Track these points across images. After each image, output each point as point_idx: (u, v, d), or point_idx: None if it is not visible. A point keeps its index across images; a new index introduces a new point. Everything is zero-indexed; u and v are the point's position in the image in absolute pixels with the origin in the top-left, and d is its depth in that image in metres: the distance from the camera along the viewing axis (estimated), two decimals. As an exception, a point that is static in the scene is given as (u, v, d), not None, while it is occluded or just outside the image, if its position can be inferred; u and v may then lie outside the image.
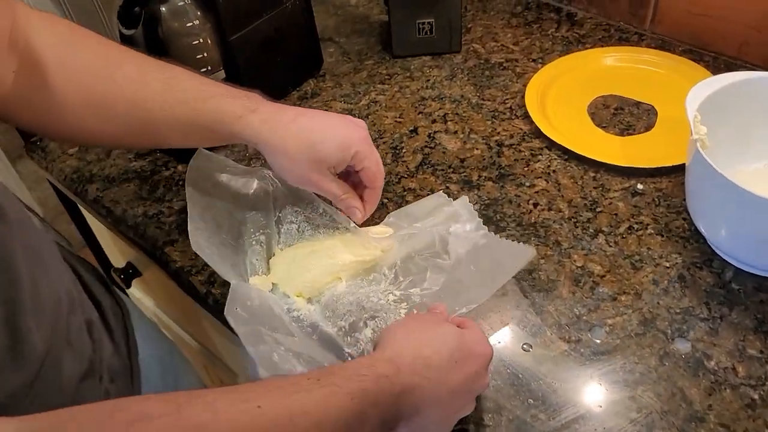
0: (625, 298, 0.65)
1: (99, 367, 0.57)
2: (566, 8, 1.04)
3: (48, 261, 0.54)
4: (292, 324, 0.62)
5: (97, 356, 0.57)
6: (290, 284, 0.65)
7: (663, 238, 0.70)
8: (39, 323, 0.48)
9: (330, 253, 0.66)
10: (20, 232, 0.48)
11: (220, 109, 0.62)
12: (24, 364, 0.46)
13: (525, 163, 0.79)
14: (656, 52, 0.91)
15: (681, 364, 0.59)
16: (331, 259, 0.65)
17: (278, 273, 0.67)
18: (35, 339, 0.47)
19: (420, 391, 0.49)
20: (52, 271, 0.54)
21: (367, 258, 0.66)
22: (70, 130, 0.63)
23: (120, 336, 0.65)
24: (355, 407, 0.44)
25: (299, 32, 0.92)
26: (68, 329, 0.53)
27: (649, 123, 0.83)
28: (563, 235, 0.71)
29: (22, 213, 0.51)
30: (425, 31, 0.95)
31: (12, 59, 0.58)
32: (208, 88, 0.63)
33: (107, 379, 0.58)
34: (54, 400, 0.49)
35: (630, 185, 0.76)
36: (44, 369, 0.48)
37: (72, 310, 0.55)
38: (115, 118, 0.63)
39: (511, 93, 0.90)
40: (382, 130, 0.87)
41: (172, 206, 0.80)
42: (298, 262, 0.66)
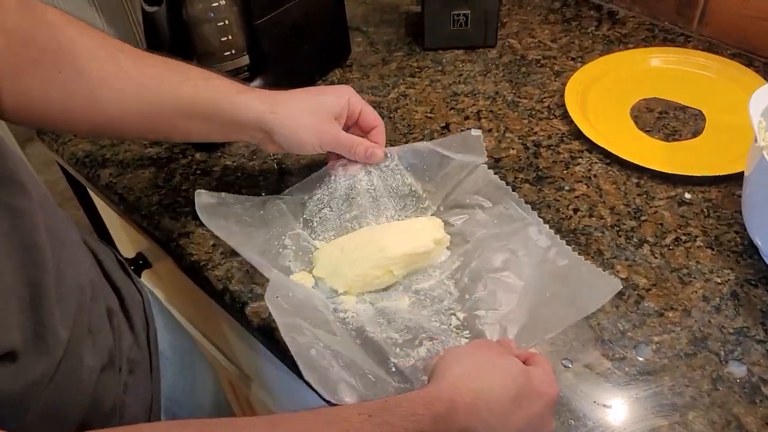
0: (673, 315, 0.60)
1: (118, 358, 0.54)
2: (607, 6, 1.00)
3: (71, 245, 0.52)
4: (337, 323, 0.58)
5: (117, 346, 0.54)
6: (338, 279, 0.61)
7: (713, 251, 0.65)
8: (62, 310, 0.45)
9: (379, 246, 0.61)
10: (43, 212, 0.46)
11: (221, 86, 0.62)
12: (47, 351, 0.43)
13: (564, 166, 0.75)
14: (704, 55, 0.86)
15: (736, 390, 0.54)
16: (381, 252, 0.61)
17: (323, 267, 0.63)
18: (58, 326, 0.44)
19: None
20: (75, 255, 0.52)
21: (419, 250, 0.62)
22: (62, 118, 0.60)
23: (140, 326, 0.62)
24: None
25: (328, 19, 0.88)
26: (90, 317, 0.51)
27: (697, 129, 0.78)
28: (605, 244, 0.66)
29: (44, 192, 0.49)
30: (460, 23, 0.90)
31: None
32: (205, 71, 0.63)
33: (126, 371, 0.55)
34: (73, 390, 0.47)
35: (676, 194, 0.71)
36: (66, 358, 0.45)
37: (94, 298, 0.52)
38: (122, 104, 0.60)
39: (549, 92, 0.85)
40: (412, 125, 0.82)
41: (189, 196, 0.76)
42: (346, 255, 0.62)
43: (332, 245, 0.65)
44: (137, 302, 0.64)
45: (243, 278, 0.67)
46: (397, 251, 0.61)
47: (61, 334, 0.45)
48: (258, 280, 0.66)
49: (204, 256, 0.69)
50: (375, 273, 0.61)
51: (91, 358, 0.49)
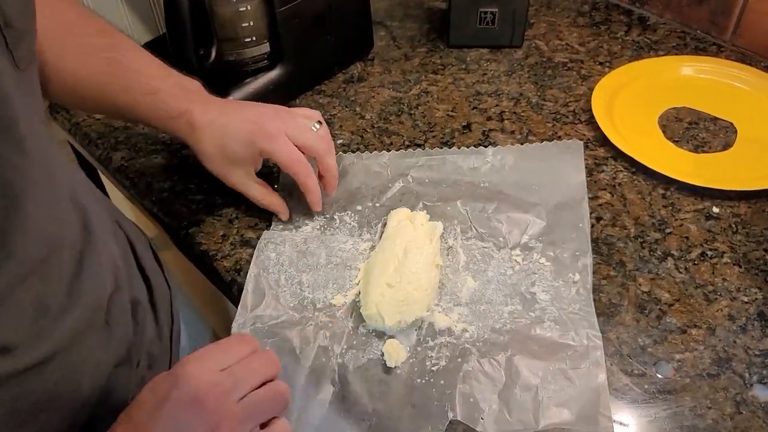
0: (697, 333, 0.58)
1: (137, 353, 0.52)
2: (638, 11, 0.97)
3: (99, 232, 0.49)
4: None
5: (138, 340, 0.53)
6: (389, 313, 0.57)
7: (741, 269, 0.62)
8: (74, 302, 0.43)
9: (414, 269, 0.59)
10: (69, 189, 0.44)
11: (156, 107, 0.62)
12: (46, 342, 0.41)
13: (588, 173, 0.72)
14: (738, 65, 0.83)
15: (761, 414, 0.52)
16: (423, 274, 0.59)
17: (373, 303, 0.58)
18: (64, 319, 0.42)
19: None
20: (102, 245, 0.49)
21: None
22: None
23: (164, 320, 0.60)
24: None
25: (351, 11, 0.86)
26: (109, 311, 0.48)
27: (727, 141, 0.76)
28: (628, 255, 0.64)
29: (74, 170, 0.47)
30: (487, 21, 0.88)
31: None
32: (150, 83, 0.62)
33: (145, 366, 0.54)
34: (80, 379, 0.45)
35: (704, 207, 0.68)
36: (69, 351, 0.43)
37: (118, 289, 0.50)
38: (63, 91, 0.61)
39: (575, 95, 0.83)
40: (433, 123, 0.80)
41: (201, 183, 0.74)
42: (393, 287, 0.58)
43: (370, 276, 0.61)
44: (164, 294, 0.63)
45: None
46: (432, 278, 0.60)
47: (67, 323, 0.42)
48: (267, 274, 0.64)
49: (213, 245, 0.68)
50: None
51: (104, 353, 0.47)
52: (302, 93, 0.86)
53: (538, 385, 0.53)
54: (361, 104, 0.84)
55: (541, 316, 0.58)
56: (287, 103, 0.84)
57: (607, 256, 0.64)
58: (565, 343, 0.56)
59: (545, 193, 0.68)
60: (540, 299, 0.60)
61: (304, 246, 0.65)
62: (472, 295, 0.60)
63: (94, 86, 0.60)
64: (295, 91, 0.86)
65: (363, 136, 0.79)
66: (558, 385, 0.54)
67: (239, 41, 0.77)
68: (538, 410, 0.52)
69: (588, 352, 0.56)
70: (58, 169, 0.44)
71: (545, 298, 0.60)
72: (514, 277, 0.62)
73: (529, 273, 0.62)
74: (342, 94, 0.86)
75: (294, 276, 0.63)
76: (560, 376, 0.54)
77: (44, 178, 0.40)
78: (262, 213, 0.70)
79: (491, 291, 0.61)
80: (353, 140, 0.79)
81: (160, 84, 0.62)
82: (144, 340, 0.54)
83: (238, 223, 0.70)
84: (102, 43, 0.61)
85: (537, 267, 0.62)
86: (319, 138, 0.65)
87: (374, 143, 0.78)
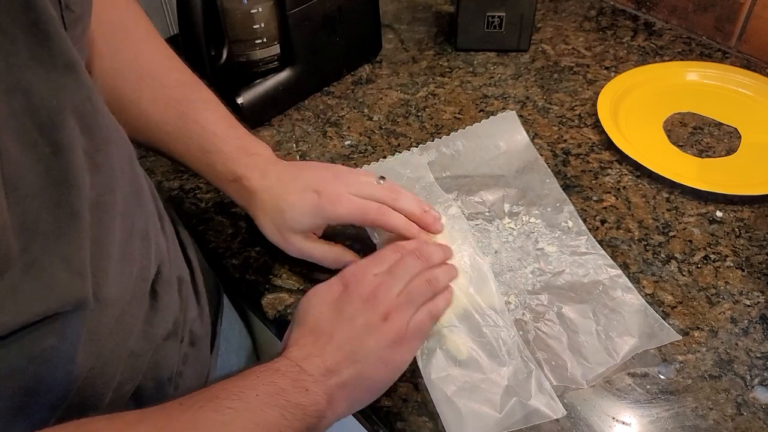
0: (699, 335, 0.58)
1: (182, 328, 0.54)
2: (644, 17, 0.98)
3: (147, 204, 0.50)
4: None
5: (182, 316, 0.54)
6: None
7: (744, 273, 0.63)
8: (123, 271, 0.44)
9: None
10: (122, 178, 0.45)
11: (214, 168, 0.62)
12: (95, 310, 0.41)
13: (593, 176, 0.73)
14: (743, 72, 0.84)
15: (761, 416, 0.53)
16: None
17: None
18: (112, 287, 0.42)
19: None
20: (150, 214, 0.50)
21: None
22: None
23: (205, 300, 0.61)
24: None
25: (361, 14, 0.87)
26: (157, 282, 0.50)
27: (731, 146, 0.76)
28: (632, 258, 0.65)
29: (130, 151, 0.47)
30: (494, 25, 0.89)
31: None
32: (214, 142, 0.61)
33: (187, 342, 0.55)
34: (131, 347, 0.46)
35: (707, 211, 0.69)
36: (119, 320, 0.44)
37: (164, 263, 0.51)
38: (135, 130, 0.60)
39: (581, 99, 0.84)
40: (440, 125, 0.81)
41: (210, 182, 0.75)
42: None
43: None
44: (207, 277, 0.64)
45: (260, 269, 0.66)
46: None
47: (113, 295, 0.43)
48: (276, 272, 0.65)
49: (222, 243, 0.69)
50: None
51: (152, 325, 0.48)
52: (311, 94, 0.87)
53: (595, 327, 0.58)
54: (369, 106, 0.85)
55: (559, 266, 0.63)
56: (296, 103, 0.85)
57: (612, 258, 0.65)
58: (592, 281, 0.62)
59: (503, 164, 0.74)
60: (549, 252, 0.65)
61: None
62: (493, 268, 0.63)
63: (163, 135, 0.60)
64: (305, 92, 0.87)
65: (371, 137, 0.80)
66: (609, 318, 0.59)
67: (250, 42, 0.78)
68: (608, 347, 0.57)
69: (613, 282, 0.62)
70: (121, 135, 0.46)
71: (553, 250, 0.65)
72: (517, 241, 0.66)
73: (528, 233, 0.67)
74: (350, 96, 0.87)
75: None
76: (606, 309, 0.60)
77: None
78: (271, 212, 0.71)
79: (505, 259, 0.65)
80: (361, 141, 0.80)
81: (221, 145, 0.61)
82: (188, 317, 0.56)
83: (247, 221, 0.71)
84: (178, 96, 0.61)
85: (531, 227, 0.67)
86: (386, 188, 0.61)
87: (382, 144, 0.79)
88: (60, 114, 0.36)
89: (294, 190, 0.60)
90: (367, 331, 0.50)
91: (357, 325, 0.50)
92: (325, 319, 0.51)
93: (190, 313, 0.56)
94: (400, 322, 0.51)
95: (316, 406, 0.46)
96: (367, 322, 0.50)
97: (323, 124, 0.82)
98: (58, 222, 0.36)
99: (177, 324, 0.53)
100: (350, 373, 0.49)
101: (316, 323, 0.51)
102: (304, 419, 0.45)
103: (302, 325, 0.51)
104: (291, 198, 0.60)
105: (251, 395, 0.44)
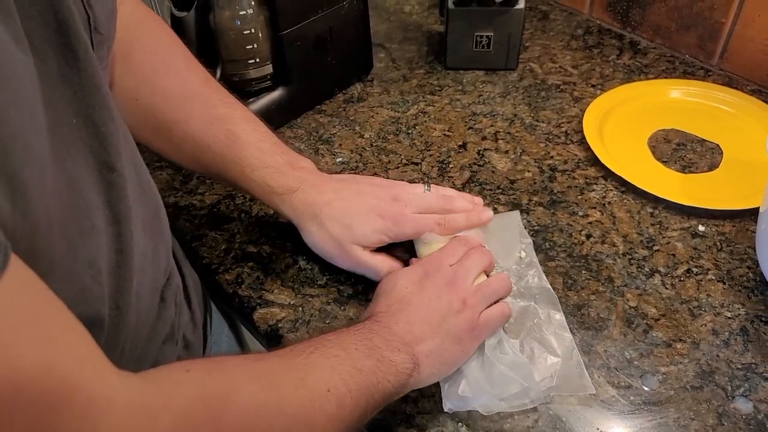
0: (681, 347, 0.60)
1: (177, 332, 0.57)
2: (629, 36, 1.00)
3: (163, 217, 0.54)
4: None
5: (177, 320, 0.57)
6: None
7: (725, 285, 0.65)
8: (140, 279, 0.47)
9: None
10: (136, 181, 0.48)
11: (265, 183, 0.63)
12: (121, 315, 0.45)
13: (579, 191, 0.75)
14: (725, 89, 0.86)
15: (741, 426, 0.54)
16: None
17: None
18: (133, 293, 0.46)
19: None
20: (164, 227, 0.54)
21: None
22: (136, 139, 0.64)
23: (197, 306, 0.64)
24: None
25: (352, 34, 0.89)
26: (164, 290, 0.54)
27: (713, 162, 0.78)
28: (616, 272, 0.66)
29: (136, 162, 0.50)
30: (482, 44, 0.91)
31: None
32: (261, 158, 0.63)
33: (182, 346, 0.58)
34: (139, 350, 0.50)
35: (690, 226, 0.71)
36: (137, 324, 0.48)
37: (167, 271, 0.55)
38: (182, 153, 0.64)
39: (568, 117, 0.86)
40: (430, 142, 0.83)
41: (204, 200, 0.77)
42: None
43: None
44: (196, 283, 0.67)
45: (253, 284, 0.67)
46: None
47: (133, 301, 0.46)
48: (267, 287, 0.67)
49: (216, 259, 0.70)
50: None
51: (156, 330, 0.52)
52: (304, 112, 0.89)
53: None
54: (360, 123, 0.87)
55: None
56: (289, 121, 0.87)
57: (596, 272, 0.66)
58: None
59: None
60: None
61: None
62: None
63: (211, 154, 0.63)
64: (297, 111, 0.88)
65: (362, 154, 0.82)
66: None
67: (244, 62, 0.80)
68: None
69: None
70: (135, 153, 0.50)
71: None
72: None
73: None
74: (342, 114, 0.89)
75: None
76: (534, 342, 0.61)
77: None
78: (264, 229, 0.72)
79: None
80: (352, 158, 0.81)
81: (269, 161, 0.63)
82: (181, 321, 0.58)
83: (239, 238, 0.72)
84: (223, 114, 0.63)
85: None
86: (436, 196, 0.66)
87: (373, 161, 0.81)
88: (79, 131, 0.38)
89: (361, 208, 0.63)
90: (449, 310, 0.55)
91: (440, 304, 0.55)
92: (413, 294, 0.56)
93: (183, 317, 0.59)
94: (476, 309, 0.56)
95: (405, 365, 0.51)
96: (448, 303, 0.55)
97: (315, 142, 0.84)
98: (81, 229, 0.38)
99: (173, 328, 0.55)
100: (433, 344, 0.53)
101: (403, 295, 0.56)
102: (396, 375, 0.50)
103: (389, 296, 0.56)
104: (358, 215, 0.63)
105: (351, 348, 0.49)
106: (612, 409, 0.55)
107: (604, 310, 0.63)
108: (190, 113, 0.62)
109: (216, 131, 0.62)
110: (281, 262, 0.69)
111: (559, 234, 0.70)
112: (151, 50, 0.62)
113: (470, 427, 0.55)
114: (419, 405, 0.56)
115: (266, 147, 0.64)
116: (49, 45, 0.36)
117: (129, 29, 0.60)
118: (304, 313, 0.64)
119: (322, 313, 0.64)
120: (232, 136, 0.63)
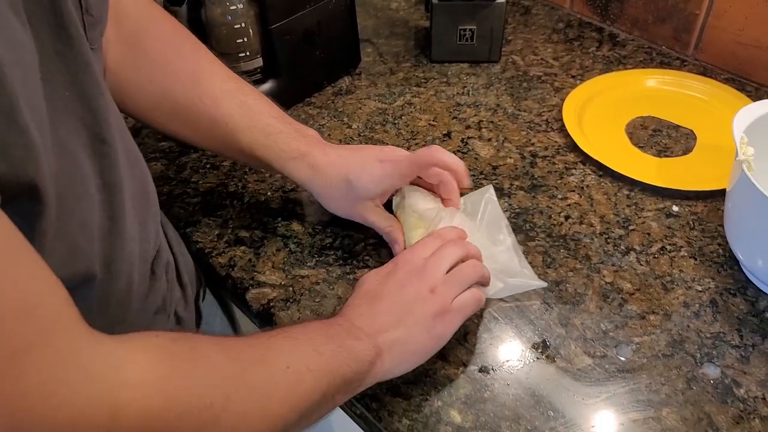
0: (654, 318, 0.63)
1: (169, 305, 0.60)
2: (609, 28, 1.03)
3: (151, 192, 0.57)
4: None
5: (169, 295, 0.60)
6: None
7: (696, 261, 0.68)
8: (132, 248, 0.50)
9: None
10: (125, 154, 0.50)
11: (279, 147, 0.66)
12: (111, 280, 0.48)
13: (558, 176, 0.78)
14: (699, 78, 0.90)
15: (709, 390, 0.57)
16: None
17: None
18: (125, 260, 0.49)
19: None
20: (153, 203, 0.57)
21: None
22: (151, 123, 0.67)
23: (188, 285, 0.67)
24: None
25: (340, 28, 0.92)
26: (154, 263, 0.56)
27: (687, 147, 0.82)
28: (593, 250, 0.69)
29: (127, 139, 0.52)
30: (466, 37, 0.94)
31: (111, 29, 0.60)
32: (274, 124, 0.67)
33: (174, 321, 0.61)
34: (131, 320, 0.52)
35: (665, 206, 0.74)
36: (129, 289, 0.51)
37: (156, 246, 0.58)
38: (198, 131, 0.67)
39: (548, 106, 0.89)
40: (416, 131, 0.86)
41: (198, 188, 0.80)
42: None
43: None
44: (189, 265, 0.69)
45: (245, 266, 0.70)
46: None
47: (125, 268, 0.49)
48: (259, 269, 0.69)
49: (209, 244, 0.73)
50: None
51: (148, 302, 0.55)
52: (293, 105, 0.92)
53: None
54: (348, 115, 0.90)
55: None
56: (279, 114, 0.90)
57: (574, 251, 0.69)
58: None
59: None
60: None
61: None
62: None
63: (224, 126, 0.65)
64: (287, 103, 0.91)
65: (350, 144, 0.85)
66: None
67: (234, 56, 0.83)
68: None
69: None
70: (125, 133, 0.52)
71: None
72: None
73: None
74: (331, 106, 0.92)
75: None
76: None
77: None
78: (256, 214, 0.75)
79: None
80: (341, 148, 0.84)
81: (281, 126, 0.66)
82: (173, 296, 0.61)
83: (232, 223, 0.75)
84: (233, 88, 0.66)
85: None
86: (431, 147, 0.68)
87: (360, 150, 0.83)
88: (72, 104, 0.41)
89: (357, 160, 0.66)
90: (415, 299, 0.56)
91: (406, 294, 0.56)
92: (378, 287, 0.57)
93: (174, 293, 0.62)
94: (445, 296, 0.56)
95: (366, 352, 0.52)
96: (415, 292, 0.56)
97: (305, 133, 0.87)
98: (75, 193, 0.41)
99: (165, 301, 0.58)
100: (397, 334, 0.54)
101: (370, 289, 0.58)
102: (357, 362, 0.51)
103: (358, 291, 0.58)
104: (357, 166, 0.66)
105: (313, 333, 0.50)
106: (587, 377, 0.58)
107: (581, 285, 0.66)
108: (205, 90, 0.65)
109: (230, 103, 0.65)
110: (272, 246, 0.72)
111: (539, 216, 0.73)
112: (159, 37, 0.65)
113: (452, 395, 0.58)
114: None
115: (276, 114, 0.67)
116: (43, 23, 0.38)
117: (136, 18, 0.63)
118: (294, 293, 0.67)
119: (312, 293, 0.67)
120: (244, 106, 0.66)
